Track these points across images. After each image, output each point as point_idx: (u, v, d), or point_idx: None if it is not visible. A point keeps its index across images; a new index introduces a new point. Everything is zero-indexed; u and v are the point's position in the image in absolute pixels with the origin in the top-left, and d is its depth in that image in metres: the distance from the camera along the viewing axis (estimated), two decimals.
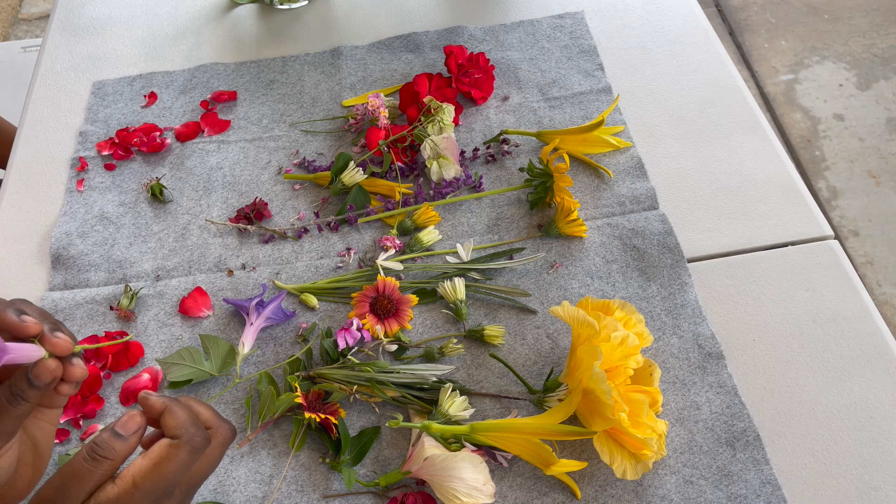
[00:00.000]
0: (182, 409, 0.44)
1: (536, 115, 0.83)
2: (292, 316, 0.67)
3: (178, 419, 0.43)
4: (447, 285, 0.66)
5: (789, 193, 0.75)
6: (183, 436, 0.42)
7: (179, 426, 0.43)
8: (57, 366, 0.42)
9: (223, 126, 0.84)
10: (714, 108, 0.83)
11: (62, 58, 0.93)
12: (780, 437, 0.60)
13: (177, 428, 0.43)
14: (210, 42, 0.94)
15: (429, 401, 0.61)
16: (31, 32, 2.38)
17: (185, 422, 0.43)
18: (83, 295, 0.70)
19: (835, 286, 0.68)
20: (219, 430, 0.46)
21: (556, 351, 0.65)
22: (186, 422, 0.43)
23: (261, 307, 0.65)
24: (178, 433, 0.42)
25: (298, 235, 0.74)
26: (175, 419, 0.43)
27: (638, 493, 0.57)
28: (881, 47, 2.15)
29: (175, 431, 0.43)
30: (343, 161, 0.75)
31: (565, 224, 0.71)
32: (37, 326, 0.41)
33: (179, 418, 0.43)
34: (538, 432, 0.55)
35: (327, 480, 0.59)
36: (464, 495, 0.54)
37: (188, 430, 0.43)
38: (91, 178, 0.80)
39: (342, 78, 0.88)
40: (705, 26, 0.91)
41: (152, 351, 0.67)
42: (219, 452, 0.45)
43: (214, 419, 0.46)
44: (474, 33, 0.92)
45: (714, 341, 0.65)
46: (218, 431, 0.46)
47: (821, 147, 1.94)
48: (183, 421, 0.43)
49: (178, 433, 0.42)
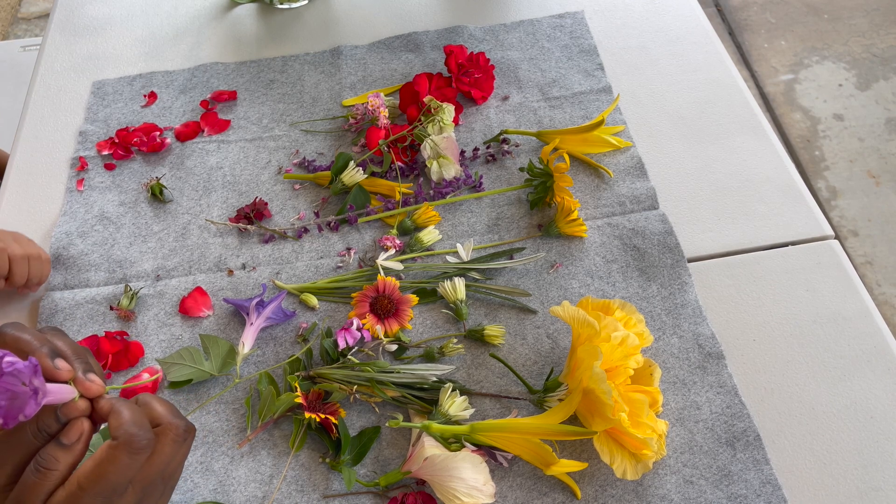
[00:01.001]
0: (128, 409, 0.43)
1: (536, 114, 0.83)
2: (292, 316, 0.67)
3: (119, 419, 0.42)
4: (447, 285, 0.66)
5: (789, 193, 0.75)
6: (121, 437, 0.42)
7: (119, 427, 0.42)
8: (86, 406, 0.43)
9: (223, 126, 0.84)
10: (714, 107, 0.83)
11: (62, 57, 0.93)
12: (780, 437, 0.60)
13: (117, 429, 0.42)
14: (210, 42, 0.94)
15: (429, 401, 0.61)
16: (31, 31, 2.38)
17: (126, 422, 0.42)
18: (83, 295, 0.70)
19: (835, 286, 0.68)
20: (169, 428, 0.44)
21: (557, 351, 0.65)
22: (128, 422, 0.42)
23: (261, 307, 0.65)
24: (118, 434, 0.42)
25: (298, 235, 0.74)
26: (117, 420, 0.42)
27: (638, 493, 0.57)
28: (881, 47, 2.15)
29: (115, 433, 0.42)
30: (343, 161, 0.75)
31: (565, 224, 0.71)
32: (69, 373, 0.42)
33: (121, 418, 0.42)
34: (538, 432, 0.55)
35: (327, 480, 0.59)
36: (464, 495, 0.54)
37: (127, 430, 0.42)
38: (91, 178, 0.80)
39: (342, 78, 0.88)
40: (705, 26, 0.91)
41: (152, 351, 0.67)
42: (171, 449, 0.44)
43: (166, 416, 0.45)
44: (474, 33, 0.91)
45: (714, 341, 0.65)
46: (168, 429, 0.44)
47: (820, 147, 1.94)
48: (124, 421, 0.42)
49: (117, 434, 0.42)
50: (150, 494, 0.44)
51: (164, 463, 0.44)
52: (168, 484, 0.46)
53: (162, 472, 0.44)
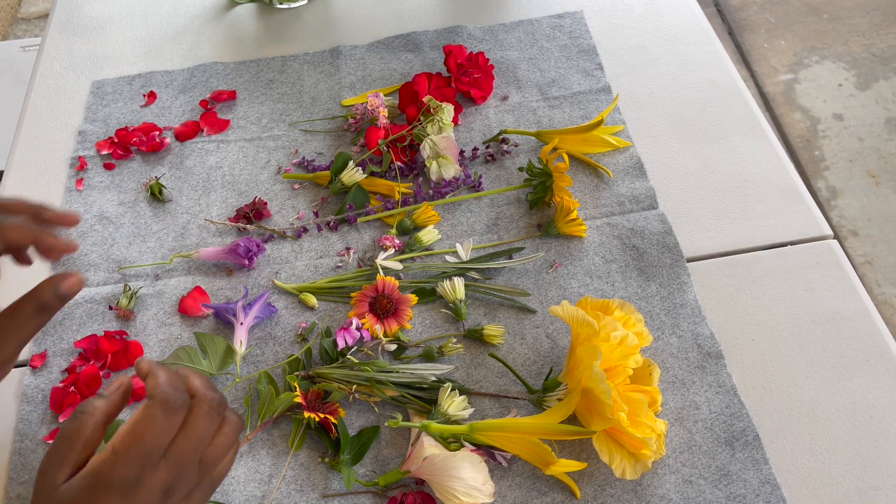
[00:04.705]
0: (165, 372, 0.43)
1: (536, 114, 0.83)
2: (275, 311, 0.68)
3: (156, 380, 0.43)
4: (446, 285, 0.66)
5: (789, 193, 0.75)
6: (157, 395, 0.42)
7: (156, 386, 0.42)
8: (79, 280, 0.51)
9: (222, 125, 0.84)
10: (713, 107, 0.83)
11: (61, 57, 0.93)
12: (779, 437, 0.60)
13: (153, 388, 0.42)
14: (209, 41, 0.94)
15: (428, 400, 0.61)
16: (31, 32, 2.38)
17: (162, 382, 0.42)
18: (83, 294, 0.70)
19: (834, 286, 0.68)
20: (203, 399, 0.44)
21: (556, 350, 0.65)
22: (164, 382, 0.42)
23: (248, 308, 0.65)
24: (153, 393, 0.42)
25: (298, 235, 0.74)
26: (153, 380, 0.43)
27: (637, 492, 0.57)
28: (881, 47, 2.15)
29: (151, 392, 0.42)
30: (342, 160, 0.75)
31: (565, 224, 0.71)
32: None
33: (158, 379, 0.43)
34: (537, 432, 0.55)
35: (326, 480, 0.59)
36: (463, 495, 0.54)
37: (164, 390, 0.42)
38: (90, 178, 0.80)
39: (341, 77, 0.88)
40: (705, 26, 0.91)
41: (151, 350, 0.67)
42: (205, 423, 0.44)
43: (201, 388, 0.44)
44: (473, 33, 0.91)
45: (713, 341, 0.65)
46: (203, 400, 0.44)
47: (820, 147, 1.94)
48: (161, 382, 0.42)
49: (153, 393, 0.42)
50: (183, 477, 0.44)
51: (197, 437, 0.43)
52: (205, 475, 0.45)
53: (196, 449, 0.44)
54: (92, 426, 0.42)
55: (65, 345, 0.67)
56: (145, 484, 0.41)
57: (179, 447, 0.43)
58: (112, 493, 0.41)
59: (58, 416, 0.63)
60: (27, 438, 0.62)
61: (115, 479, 0.41)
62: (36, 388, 0.65)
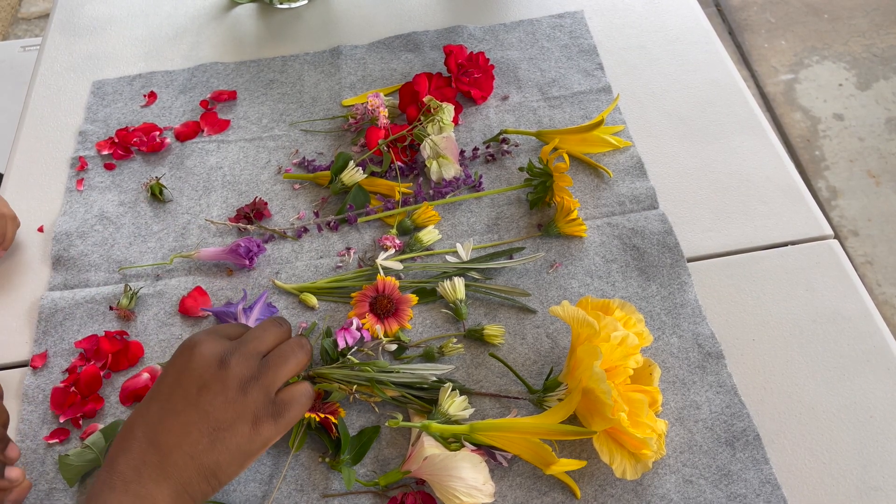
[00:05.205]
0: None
1: (536, 114, 0.83)
2: (275, 311, 0.68)
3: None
4: (447, 285, 0.66)
5: (789, 193, 0.75)
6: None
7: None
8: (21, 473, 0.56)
9: (223, 125, 0.84)
10: (714, 107, 0.83)
11: (62, 57, 0.93)
12: (779, 437, 0.60)
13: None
14: (210, 41, 0.94)
15: (428, 400, 0.61)
16: (31, 32, 2.38)
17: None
18: (83, 294, 0.70)
19: (835, 286, 0.68)
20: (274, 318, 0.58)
21: (556, 350, 0.65)
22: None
23: (248, 310, 0.65)
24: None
25: (298, 235, 0.74)
26: None
27: (637, 492, 0.57)
28: (881, 47, 2.15)
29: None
30: (343, 161, 0.75)
31: (565, 223, 0.71)
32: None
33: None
34: (538, 432, 0.55)
35: (327, 480, 0.59)
36: (463, 495, 0.54)
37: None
38: (91, 178, 0.80)
39: (342, 77, 0.88)
40: (705, 26, 0.91)
41: (152, 351, 0.67)
42: (270, 325, 0.56)
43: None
44: (474, 33, 0.91)
45: (714, 341, 0.65)
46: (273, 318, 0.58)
47: (820, 147, 1.94)
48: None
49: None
50: (241, 358, 0.53)
51: (262, 333, 0.55)
52: (264, 371, 0.53)
53: (259, 340, 0.55)
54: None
55: (65, 345, 0.67)
56: (212, 346, 0.53)
57: (246, 336, 0.54)
58: (185, 346, 0.53)
59: (58, 417, 0.63)
60: (28, 438, 0.62)
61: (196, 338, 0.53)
62: (36, 388, 0.65)
